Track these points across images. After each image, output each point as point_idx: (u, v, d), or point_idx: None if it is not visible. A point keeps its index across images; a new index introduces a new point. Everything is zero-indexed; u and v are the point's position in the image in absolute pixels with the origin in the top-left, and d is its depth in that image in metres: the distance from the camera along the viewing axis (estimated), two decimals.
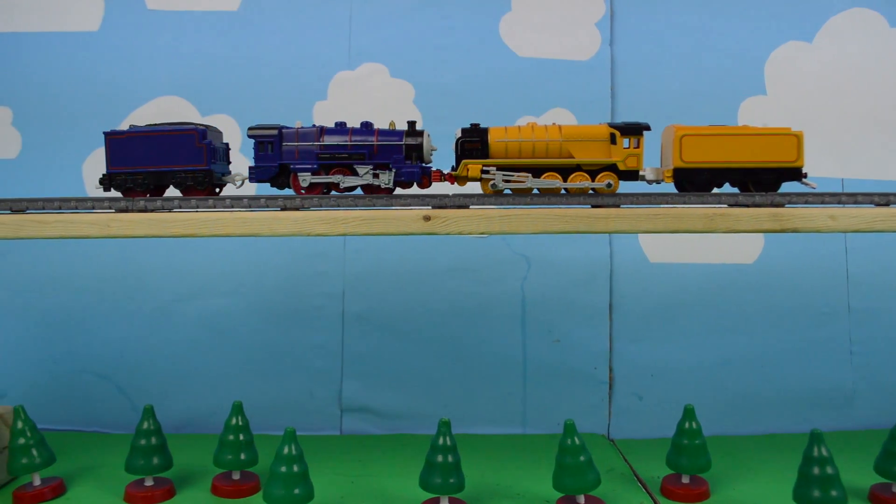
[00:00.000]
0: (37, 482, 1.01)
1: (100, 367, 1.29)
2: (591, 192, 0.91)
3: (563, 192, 0.91)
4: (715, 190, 0.94)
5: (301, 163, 0.93)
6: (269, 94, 1.27)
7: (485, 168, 0.90)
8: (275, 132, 0.93)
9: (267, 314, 1.27)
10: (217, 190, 0.98)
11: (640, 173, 0.92)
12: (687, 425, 1.01)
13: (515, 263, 1.26)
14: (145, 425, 1.01)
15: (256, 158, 0.93)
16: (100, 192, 0.98)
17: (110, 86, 1.28)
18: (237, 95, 1.28)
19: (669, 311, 1.27)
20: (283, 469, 0.91)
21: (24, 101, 1.29)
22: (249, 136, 0.93)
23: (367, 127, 0.94)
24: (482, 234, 0.88)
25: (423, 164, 0.93)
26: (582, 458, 0.94)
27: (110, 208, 0.92)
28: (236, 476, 1.04)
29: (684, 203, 0.91)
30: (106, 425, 1.28)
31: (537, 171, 0.91)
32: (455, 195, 0.90)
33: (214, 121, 1.27)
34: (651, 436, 1.25)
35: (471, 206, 0.90)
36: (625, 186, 0.93)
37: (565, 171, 0.91)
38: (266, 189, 0.97)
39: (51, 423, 1.24)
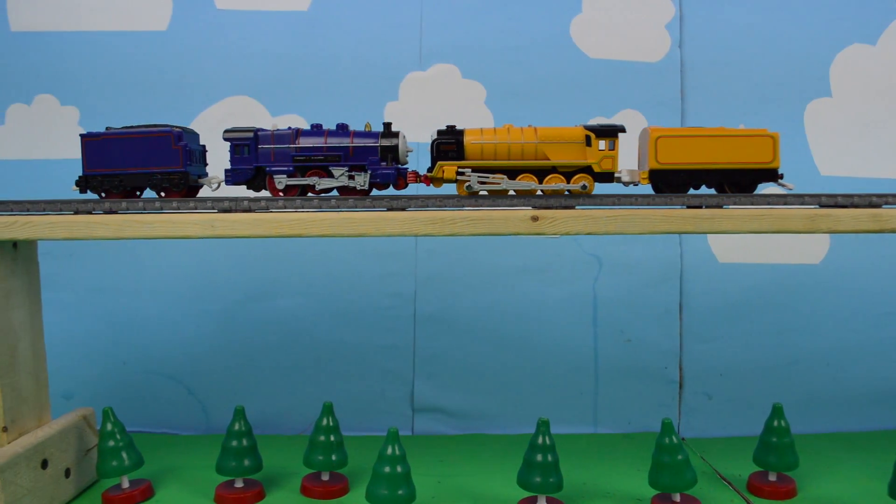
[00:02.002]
0: (125, 484, 1.01)
1: (169, 368, 1.28)
2: (566, 193, 0.92)
3: (538, 193, 0.92)
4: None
5: (277, 165, 0.93)
6: (339, 94, 1.27)
7: (460, 170, 0.91)
8: (250, 134, 0.93)
9: (338, 314, 1.27)
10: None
11: (616, 175, 0.93)
12: (776, 423, 1.02)
13: (587, 264, 1.27)
14: (236, 426, 1.01)
15: (232, 161, 0.94)
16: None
17: (179, 86, 1.28)
18: (307, 96, 1.27)
19: (738, 310, 1.28)
20: (388, 469, 0.91)
21: (91, 101, 1.28)
22: (225, 139, 0.94)
23: (342, 128, 0.95)
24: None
25: (399, 166, 0.94)
26: (679, 457, 0.94)
27: (213, 208, 0.91)
28: (325, 477, 1.04)
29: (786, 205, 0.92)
30: (175, 426, 1.28)
31: (512, 173, 0.91)
32: (562, 196, 0.91)
33: (285, 121, 1.27)
34: (720, 434, 1.26)
35: (577, 207, 0.90)
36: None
37: (541, 173, 0.91)
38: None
39: None
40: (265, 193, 0.96)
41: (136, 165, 0.93)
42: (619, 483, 1.05)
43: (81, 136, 0.95)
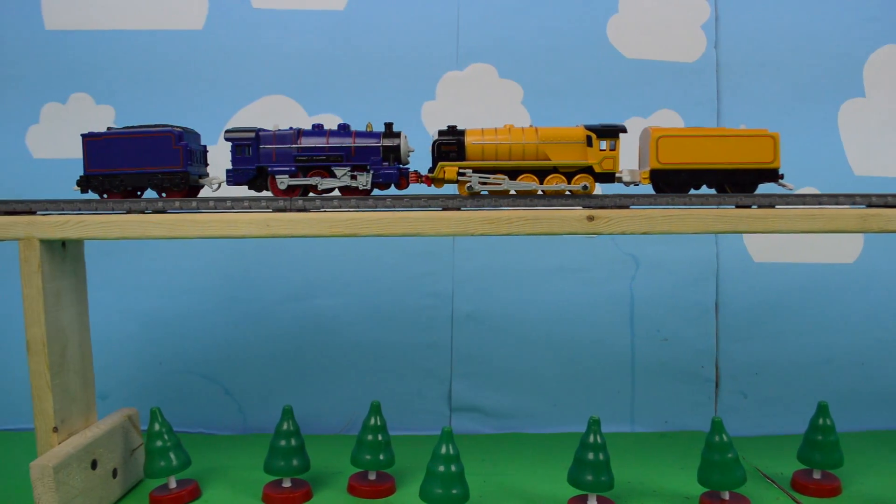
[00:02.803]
0: (172, 485, 1.01)
1: (205, 368, 1.28)
2: (567, 193, 0.92)
3: (539, 193, 0.92)
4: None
5: (278, 165, 0.93)
6: (376, 93, 1.27)
7: (461, 170, 0.91)
8: (252, 135, 0.94)
9: (375, 314, 1.27)
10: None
11: (617, 175, 0.93)
12: (821, 421, 1.03)
13: (624, 263, 1.28)
14: (285, 426, 1.01)
15: (234, 161, 0.94)
16: (248, 192, 0.98)
17: (215, 85, 1.27)
18: (344, 95, 1.27)
19: (773, 309, 1.28)
20: (442, 468, 0.91)
21: (126, 100, 1.27)
22: (226, 139, 0.94)
23: (344, 129, 0.95)
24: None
25: (401, 166, 0.94)
26: (730, 455, 0.95)
27: (267, 208, 0.91)
28: (372, 476, 1.04)
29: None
30: (211, 426, 1.28)
31: (513, 173, 0.91)
32: (616, 195, 0.91)
33: (321, 120, 1.27)
34: (757, 433, 1.27)
35: (631, 207, 0.90)
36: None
37: (541, 173, 0.92)
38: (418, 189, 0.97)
39: None
40: (266, 193, 0.96)
41: (137, 165, 0.94)
42: (664, 481, 1.06)
43: (83, 135, 0.95)
